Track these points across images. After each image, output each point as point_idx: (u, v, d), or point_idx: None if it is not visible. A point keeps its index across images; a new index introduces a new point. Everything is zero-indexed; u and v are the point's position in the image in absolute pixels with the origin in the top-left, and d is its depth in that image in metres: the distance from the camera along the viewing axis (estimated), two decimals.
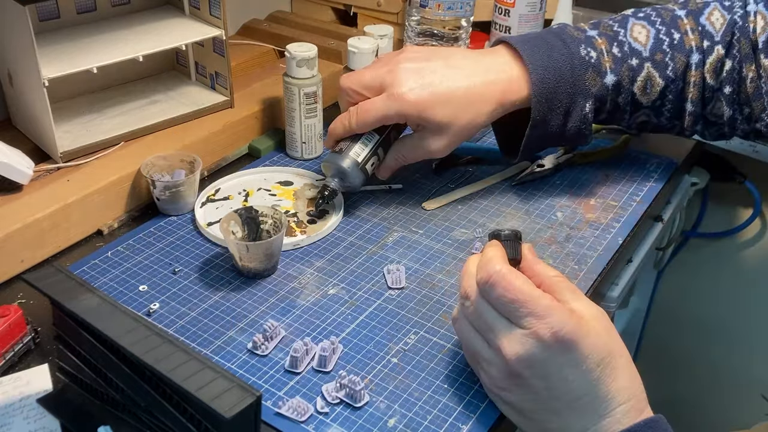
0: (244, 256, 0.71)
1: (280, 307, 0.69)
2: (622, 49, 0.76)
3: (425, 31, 1.05)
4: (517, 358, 0.52)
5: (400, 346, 0.65)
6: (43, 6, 0.85)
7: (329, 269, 0.74)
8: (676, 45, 0.76)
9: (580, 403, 0.52)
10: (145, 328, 0.52)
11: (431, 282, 0.73)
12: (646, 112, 0.79)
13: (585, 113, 0.76)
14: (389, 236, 0.79)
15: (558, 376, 0.52)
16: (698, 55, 0.75)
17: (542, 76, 0.75)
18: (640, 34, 0.77)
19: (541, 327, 0.51)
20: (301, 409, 0.58)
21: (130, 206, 0.82)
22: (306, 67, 0.86)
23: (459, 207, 0.84)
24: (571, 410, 0.53)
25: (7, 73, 0.84)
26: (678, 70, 0.76)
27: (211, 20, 0.90)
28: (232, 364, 0.63)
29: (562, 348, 0.51)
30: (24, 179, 0.75)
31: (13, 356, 0.62)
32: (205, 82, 0.97)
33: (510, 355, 0.52)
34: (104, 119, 0.88)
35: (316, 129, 0.91)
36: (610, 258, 0.77)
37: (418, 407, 0.59)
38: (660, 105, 0.78)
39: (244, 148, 0.94)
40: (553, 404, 0.53)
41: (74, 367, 0.58)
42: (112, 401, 0.55)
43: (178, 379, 0.47)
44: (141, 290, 0.71)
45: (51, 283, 0.55)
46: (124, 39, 0.86)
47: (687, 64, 0.76)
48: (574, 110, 0.76)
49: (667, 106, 0.78)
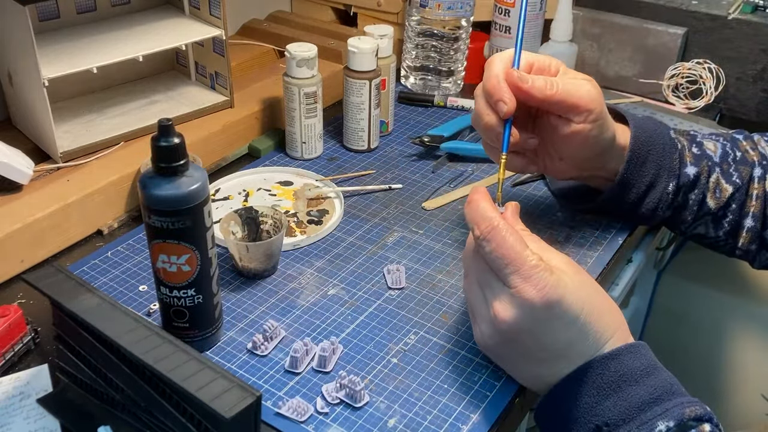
0: (244, 257, 0.71)
1: (280, 308, 0.69)
2: (701, 149, 0.76)
3: (425, 31, 1.06)
4: (506, 322, 0.55)
5: (400, 346, 0.65)
6: (43, 6, 0.85)
7: (329, 269, 0.74)
8: (739, 159, 0.76)
9: (570, 350, 0.55)
10: (145, 328, 0.52)
11: (431, 282, 0.73)
12: (707, 220, 0.77)
13: (667, 192, 0.74)
14: (389, 236, 0.79)
15: (545, 331, 0.55)
16: (760, 169, 0.76)
17: (640, 137, 0.73)
18: (710, 144, 0.77)
19: (526, 288, 0.53)
20: (301, 409, 0.58)
21: (130, 206, 0.82)
22: (306, 67, 0.87)
23: (459, 207, 0.84)
24: (561, 357, 0.55)
25: (7, 73, 0.84)
26: (744, 178, 0.75)
27: (211, 20, 0.90)
28: (232, 364, 0.63)
29: (548, 305, 0.53)
30: (24, 179, 0.75)
31: (13, 356, 0.62)
32: (205, 82, 0.97)
33: (501, 317, 0.55)
34: (104, 119, 0.88)
35: (316, 129, 0.91)
36: (610, 258, 0.77)
37: (418, 407, 0.59)
38: (722, 216, 0.76)
39: (244, 148, 0.94)
40: (542, 354, 0.56)
41: (74, 367, 0.58)
42: (112, 401, 0.55)
43: (178, 379, 0.47)
44: (141, 290, 0.71)
45: (51, 283, 0.55)
46: (124, 39, 0.86)
47: (751, 175, 0.75)
48: (658, 184, 0.74)
49: (728, 218, 0.76)
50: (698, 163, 0.75)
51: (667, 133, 0.76)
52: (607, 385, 0.54)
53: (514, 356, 0.58)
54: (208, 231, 0.58)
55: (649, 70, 1.11)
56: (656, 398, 0.53)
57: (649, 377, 0.54)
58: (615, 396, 0.53)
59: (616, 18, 1.12)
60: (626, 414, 0.52)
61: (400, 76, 1.12)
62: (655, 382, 0.53)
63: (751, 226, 0.76)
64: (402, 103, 1.07)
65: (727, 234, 0.77)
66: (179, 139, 0.55)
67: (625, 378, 0.54)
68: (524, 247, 0.54)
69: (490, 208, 0.56)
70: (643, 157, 0.73)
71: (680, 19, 1.09)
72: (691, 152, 0.76)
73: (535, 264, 0.54)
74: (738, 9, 1.07)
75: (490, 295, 0.56)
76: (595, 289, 0.57)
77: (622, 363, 0.54)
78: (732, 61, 1.07)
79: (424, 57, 1.08)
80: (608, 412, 0.53)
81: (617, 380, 0.54)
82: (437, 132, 0.95)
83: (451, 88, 1.10)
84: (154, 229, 0.57)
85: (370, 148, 0.95)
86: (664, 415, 0.51)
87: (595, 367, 0.54)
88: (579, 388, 0.55)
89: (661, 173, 0.74)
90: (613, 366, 0.54)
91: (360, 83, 0.89)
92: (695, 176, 0.75)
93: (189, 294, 0.59)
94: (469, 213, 0.58)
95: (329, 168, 0.91)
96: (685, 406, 0.52)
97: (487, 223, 0.55)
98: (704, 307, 1.29)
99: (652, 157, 0.73)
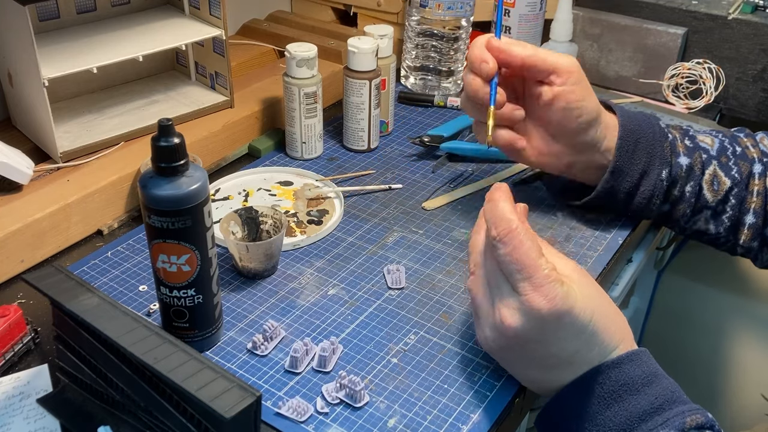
0: (244, 257, 0.71)
1: (280, 308, 0.69)
2: (693, 142, 0.76)
3: (425, 31, 1.05)
4: (513, 328, 0.54)
5: (400, 346, 0.65)
6: (43, 6, 0.85)
7: (329, 269, 0.74)
8: (738, 154, 0.76)
9: (576, 357, 0.55)
10: (145, 328, 0.52)
11: (431, 282, 0.73)
12: (706, 215, 0.76)
13: (661, 179, 0.74)
14: (389, 236, 0.79)
15: (553, 340, 0.54)
16: (760, 165, 0.75)
17: (628, 125, 0.74)
18: (706, 138, 0.77)
19: (536, 297, 0.52)
20: (301, 409, 0.58)
21: (130, 206, 0.82)
22: (306, 67, 0.87)
23: (459, 207, 0.84)
24: (567, 365, 0.55)
25: (7, 73, 0.84)
26: (743, 173, 0.75)
27: (211, 20, 0.90)
28: (232, 364, 0.63)
29: (557, 316, 0.52)
30: (24, 179, 0.75)
31: (13, 356, 0.62)
32: (205, 82, 0.97)
33: (507, 323, 0.54)
34: (104, 119, 0.88)
35: (316, 129, 0.91)
36: (610, 258, 0.77)
37: (418, 407, 0.59)
38: (722, 210, 0.76)
39: (244, 148, 0.94)
40: (548, 362, 0.56)
41: (74, 367, 0.58)
42: (112, 401, 0.55)
43: (178, 379, 0.47)
44: (141, 290, 0.71)
45: (51, 283, 0.55)
46: (124, 39, 0.86)
47: (750, 172, 0.75)
48: (651, 172, 0.74)
49: (728, 213, 0.76)
50: (691, 155, 0.75)
51: (656, 123, 0.76)
52: (608, 394, 0.53)
53: (518, 361, 0.58)
54: (208, 231, 0.58)
55: (649, 70, 1.11)
56: (657, 407, 0.52)
57: (650, 386, 0.53)
58: (616, 406, 0.53)
59: (616, 18, 1.12)
60: (627, 424, 0.52)
61: (400, 76, 1.12)
62: (656, 391, 0.53)
63: (752, 223, 0.75)
64: (402, 103, 1.07)
65: (727, 230, 0.77)
66: (179, 139, 0.55)
67: (626, 387, 0.53)
68: (539, 254, 0.53)
69: (509, 209, 0.55)
70: (633, 145, 0.74)
71: (680, 19, 1.09)
72: (684, 144, 0.76)
73: (547, 274, 0.52)
74: (738, 9, 1.07)
75: (497, 297, 0.55)
76: (602, 299, 0.56)
77: (622, 372, 0.54)
78: (732, 61, 1.07)
79: (424, 57, 1.08)
80: (609, 422, 0.53)
81: (618, 390, 0.53)
82: (437, 132, 0.95)
83: (451, 88, 1.10)
84: (154, 229, 0.57)
85: (370, 148, 0.95)
86: (665, 425, 0.51)
87: (596, 376, 0.54)
88: (580, 398, 0.54)
89: (653, 161, 0.74)
90: (614, 375, 0.54)
91: (360, 83, 0.89)
92: (688, 167, 0.75)
93: (189, 294, 0.59)
94: (488, 212, 0.56)
95: (329, 168, 0.91)
96: (687, 415, 0.51)
97: (505, 225, 0.54)
98: (704, 307, 1.29)
99: (642, 145, 0.74)
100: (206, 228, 0.58)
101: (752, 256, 0.78)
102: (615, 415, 0.53)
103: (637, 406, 0.53)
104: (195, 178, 0.56)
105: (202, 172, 0.57)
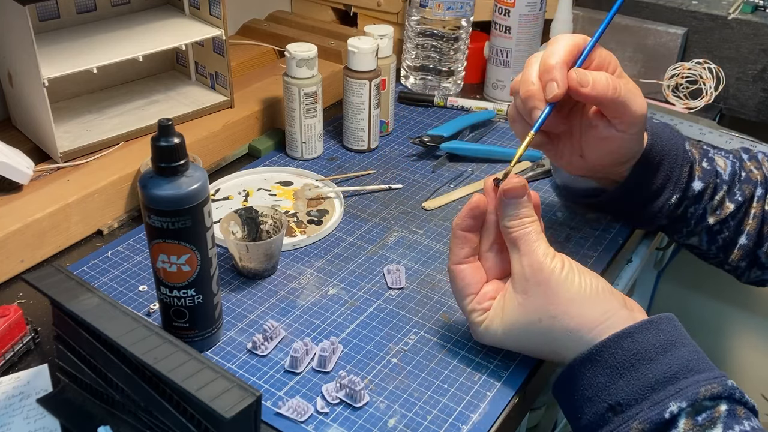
0: (244, 257, 0.71)
1: (280, 308, 0.69)
2: (711, 165, 0.75)
3: (425, 31, 1.06)
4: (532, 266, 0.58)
5: (400, 346, 0.65)
6: (43, 6, 0.85)
7: (329, 269, 0.74)
8: (743, 179, 0.76)
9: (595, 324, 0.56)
10: (145, 328, 0.52)
11: (431, 282, 0.73)
12: (702, 234, 0.76)
13: (669, 204, 0.73)
14: (389, 236, 0.79)
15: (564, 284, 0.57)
16: (761, 189, 0.75)
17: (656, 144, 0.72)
18: (720, 160, 0.76)
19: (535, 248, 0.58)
20: (301, 409, 0.58)
21: (130, 206, 0.82)
22: (306, 67, 0.87)
23: (459, 207, 0.84)
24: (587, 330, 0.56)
25: (7, 73, 0.84)
26: (746, 197, 0.74)
27: (211, 20, 0.90)
28: (232, 364, 0.63)
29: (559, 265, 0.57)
30: (24, 179, 0.75)
31: (13, 356, 0.62)
32: (205, 82, 0.97)
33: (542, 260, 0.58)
34: (104, 119, 0.88)
35: (316, 129, 0.91)
36: (610, 258, 0.77)
37: (418, 407, 0.59)
38: (718, 231, 0.75)
39: (244, 148, 0.94)
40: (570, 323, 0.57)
41: (74, 367, 0.58)
42: (112, 401, 0.55)
43: (178, 379, 0.47)
44: (141, 290, 0.71)
45: (51, 283, 0.55)
46: (124, 39, 0.86)
47: (752, 194, 0.75)
48: (662, 195, 0.73)
49: (724, 234, 0.75)
50: (706, 179, 0.74)
51: (682, 144, 0.74)
52: (620, 364, 0.53)
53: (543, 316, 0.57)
54: (208, 231, 0.58)
55: (649, 70, 1.11)
56: (670, 377, 0.51)
57: (665, 355, 0.52)
58: (628, 375, 0.52)
59: (616, 18, 1.11)
60: (638, 394, 0.51)
61: (400, 76, 1.12)
62: (670, 360, 0.52)
63: (744, 244, 0.75)
64: (402, 103, 1.07)
65: (719, 249, 0.77)
66: (179, 139, 0.55)
67: (638, 356, 0.52)
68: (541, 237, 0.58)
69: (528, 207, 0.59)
70: (655, 167, 0.72)
71: (680, 19, 1.09)
72: (701, 167, 0.74)
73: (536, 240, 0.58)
74: (738, 9, 1.07)
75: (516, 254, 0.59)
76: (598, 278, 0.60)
77: (635, 341, 0.53)
78: (732, 61, 1.07)
79: (424, 57, 1.08)
80: (621, 392, 0.52)
81: (630, 359, 0.53)
82: (437, 132, 0.95)
83: (451, 88, 1.10)
84: (154, 229, 0.57)
85: (370, 148, 0.95)
86: (678, 395, 0.50)
87: (609, 345, 0.54)
88: (593, 368, 0.54)
89: (668, 185, 0.73)
90: (626, 344, 0.53)
91: (360, 83, 0.89)
92: (700, 191, 0.74)
93: (189, 294, 0.59)
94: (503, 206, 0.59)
95: (329, 168, 0.91)
96: (701, 385, 0.50)
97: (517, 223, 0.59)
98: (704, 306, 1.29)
99: (664, 167, 0.72)
100: (206, 228, 0.58)
101: (738, 273, 0.78)
102: (626, 384, 0.52)
103: (649, 375, 0.52)
104: (195, 178, 0.56)
105: (202, 172, 0.57)
